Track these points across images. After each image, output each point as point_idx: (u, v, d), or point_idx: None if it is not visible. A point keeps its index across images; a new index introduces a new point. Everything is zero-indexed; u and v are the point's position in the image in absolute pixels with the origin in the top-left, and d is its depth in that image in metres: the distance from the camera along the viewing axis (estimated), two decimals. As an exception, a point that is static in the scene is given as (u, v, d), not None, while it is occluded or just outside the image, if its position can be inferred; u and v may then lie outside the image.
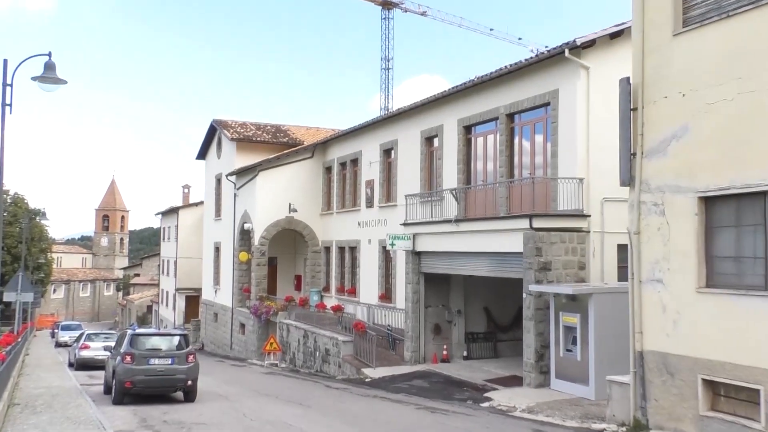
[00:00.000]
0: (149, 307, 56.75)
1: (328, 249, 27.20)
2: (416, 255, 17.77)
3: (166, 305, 46.36)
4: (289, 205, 26.89)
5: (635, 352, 9.72)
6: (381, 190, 22.86)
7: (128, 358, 12.88)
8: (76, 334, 31.89)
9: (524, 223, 13.69)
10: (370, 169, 23.60)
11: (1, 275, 34.64)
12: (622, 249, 13.87)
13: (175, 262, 43.08)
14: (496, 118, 16.89)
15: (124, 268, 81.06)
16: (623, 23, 14.19)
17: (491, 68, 17.37)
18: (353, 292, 24.40)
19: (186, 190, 51.07)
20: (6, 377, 12.77)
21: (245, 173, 28.46)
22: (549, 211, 14.41)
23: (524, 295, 13.65)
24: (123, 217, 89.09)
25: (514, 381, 14.48)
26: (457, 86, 18.03)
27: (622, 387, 10.14)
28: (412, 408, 11.90)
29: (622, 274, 13.80)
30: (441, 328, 17.89)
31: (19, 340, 23.19)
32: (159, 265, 52.91)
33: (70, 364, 23.87)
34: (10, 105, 10.98)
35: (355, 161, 25.20)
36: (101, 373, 17.46)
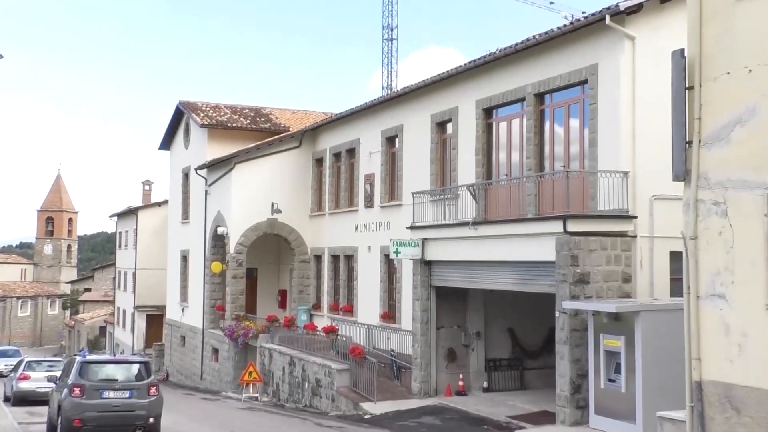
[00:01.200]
0: (102, 329, 56.88)
1: (319, 258, 27.22)
2: (426, 265, 17.79)
3: (123, 327, 46.46)
4: (272, 204, 26.94)
5: (692, 383, 9.69)
6: (383, 187, 22.90)
7: (77, 391, 12.88)
8: (14, 361, 31.88)
9: (557, 226, 13.69)
10: (370, 161, 23.63)
11: None
12: (675, 257, 13.87)
13: (134, 275, 43.19)
14: (523, 99, 16.91)
15: (72, 282, 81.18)
16: (676, -17, 14.21)
17: (516, 39, 17.41)
18: (350, 310, 24.42)
19: (147, 187, 51.21)
20: None
21: (218, 166, 28.52)
22: (587, 212, 14.41)
23: (557, 313, 13.65)
24: (71, 219, 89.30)
25: (545, 418, 14.46)
26: (474, 60, 18.06)
27: (675, 425, 10.11)
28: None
29: (676, 287, 13.79)
30: (456, 354, 17.90)
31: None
32: (114, 278, 53.05)
33: (6, 399, 23.93)
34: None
35: (351, 152, 25.22)
36: (44, 409, 17.42)
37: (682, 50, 9.85)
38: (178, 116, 34.08)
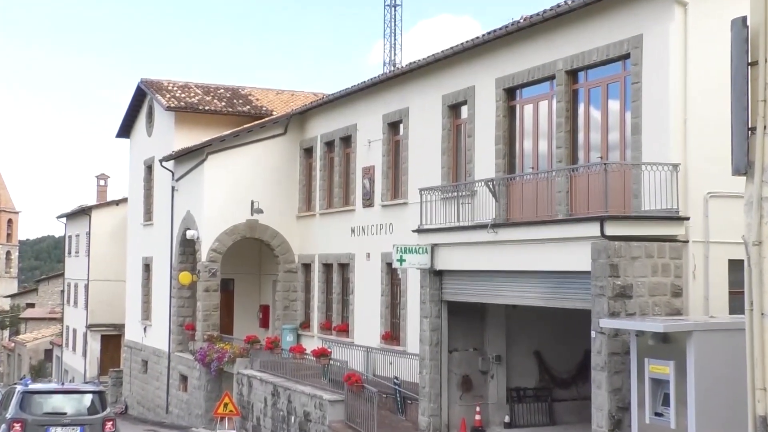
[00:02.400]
0: (48, 353, 56.92)
1: (307, 267, 27.22)
2: (436, 276, 17.79)
3: (74, 349, 46.51)
4: (252, 203, 26.98)
5: (755, 417, 9.66)
6: (385, 182, 22.91)
7: (17, 427, 12.88)
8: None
9: (593, 229, 13.68)
10: (369, 152, 23.65)
11: None
12: (735, 267, 13.83)
13: (86, 287, 43.24)
14: (552, 78, 16.91)
15: (12, 296, 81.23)
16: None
17: (544, 5, 17.49)
18: (345, 329, 24.43)
19: (102, 183, 51.32)
20: None
21: (188, 157, 28.56)
22: (629, 212, 14.40)
23: (593, 333, 13.64)
24: (11, 221, 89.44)
25: (579, 459, 14.45)
26: (494, 31, 18.06)
27: (736, 468, 10.07)
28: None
29: (736, 303, 13.76)
30: (472, 382, 17.90)
31: None
32: (63, 292, 53.12)
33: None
34: None
35: (347, 140, 25.23)
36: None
37: (744, 18, 9.80)
38: (140, 98, 34.14)
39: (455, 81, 19.89)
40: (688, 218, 14.05)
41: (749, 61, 9.70)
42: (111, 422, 13.41)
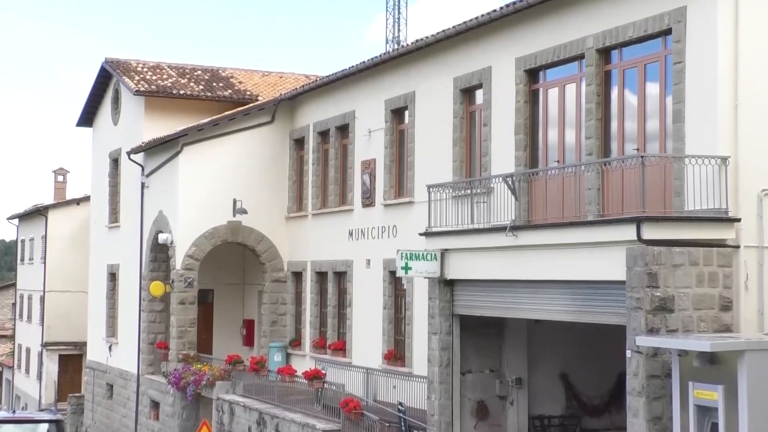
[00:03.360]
0: (-1, 374, 56.92)
1: (298, 276, 27.20)
2: (447, 286, 17.77)
3: (27, 372, 46.51)
4: (234, 202, 26.98)
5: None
6: (387, 178, 22.91)
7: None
8: None
9: (628, 232, 13.67)
10: (370, 143, 23.66)
11: None
12: (793, 276, 13.85)
13: (42, 299, 43.25)
14: (581, 57, 16.90)
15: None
16: None
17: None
18: (341, 348, 24.43)
19: (60, 178, 51.34)
20: None
21: (160, 149, 28.57)
22: (670, 212, 14.38)
23: (628, 353, 13.62)
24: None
25: (612, 498, 14.42)
26: (514, 3, 18.04)
27: None
28: None
29: (794, 317, 13.77)
30: (488, 409, 17.88)
31: None
32: (14, 304, 53.12)
33: None
34: None
35: (343, 129, 25.23)
36: None
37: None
38: (104, 80, 34.14)
39: (469, 61, 19.86)
40: (739, 220, 14.02)
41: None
42: (71, 455, 13.40)
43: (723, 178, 14.00)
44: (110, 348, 33.39)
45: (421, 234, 18.53)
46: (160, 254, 28.83)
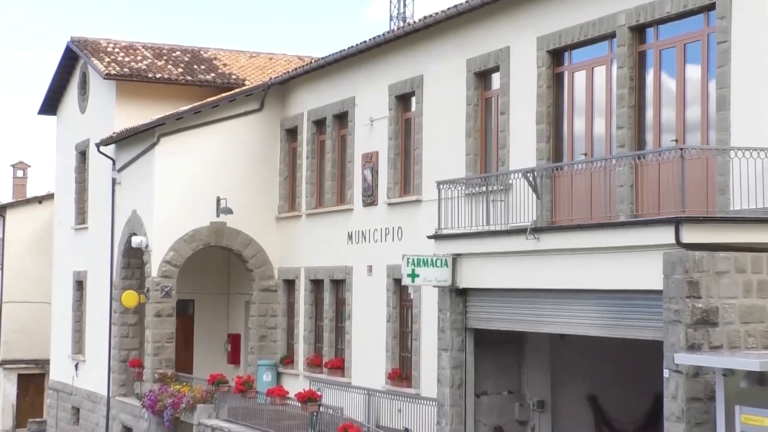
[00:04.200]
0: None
1: (291, 285, 27.20)
2: (459, 296, 17.76)
3: (-16, 392, 46.43)
4: (218, 201, 26.97)
5: None
6: (392, 173, 22.90)
7: None
8: None
9: (665, 235, 13.66)
10: (372, 134, 23.65)
11: None
12: None
13: None
14: (612, 36, 16.88)
15: None
16: None
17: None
18: (339, 366, 24.43)
19: (20, 173, 51.22)
20: None
21: (134, 141, 28.58)
22: (713, 213, 14.36)
23: (666, 372, 13.60)
24: None
25: None
26: (535, -26, 18.05)
27: None
28: None
29: None
30: (506, 436, 17.91)
31: None
32: (-30, 316, 53.01)
33: None
34: None
35: (342, 118, 25.23)
36: None
37: None
38: (70, 62, 34.14)
39: (484, 41, 19.85)
40: (790, 220, 14.00)
41: None
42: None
43: (773, 174, 14.00)
44: (76, 366, 33.38)
45: (429, 237, 18.51)
46: (133, 260, 28.83)
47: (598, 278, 14.91)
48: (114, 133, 29.27)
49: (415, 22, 22.52)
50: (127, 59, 30.99)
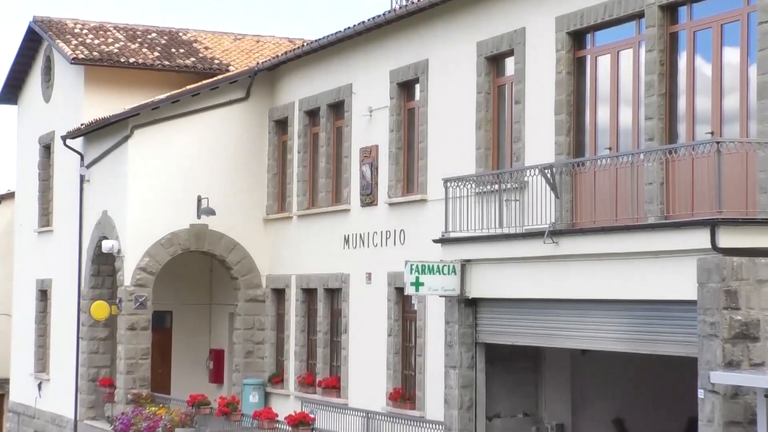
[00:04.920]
0: None
1: (280, 294, 27.19)
2: (468, 307, 17.77)
3: (-63, 414, 46.34)
4: (199, 200, 26.95)
5: None
6: (394, 170, 22.88)
7: None
8: None
9: (699, 239, 13.66)
10: (371, 125, 23.64)
11: None
12: None
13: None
14: (640, 15, 16.85)
15: None
16: None
17: None
18: (335, 386, 24.43)
19: (-22, 170, 51.16)
20: None
21: (104, 133, 28.57)
22: (753, 214, 14.30)
23: (700, 393, 13.59)
24: None
25: None
26: (554, -53, 18.04)
27: None
28: None
29: None
30: (522, 464, 17.90)
31: None
32: None
33: None
34: None
35: (337, 108, 25.22)
36: None
37: None
38: (33, 45, 34.10)
39: (497, 21, 19.83)
40: (840, 223, 13.99)
41: None
42: None
43: (820, 170, 13.99)
44: (40, 386, 33.34)
45: (435, 241, 18.50)
46: (104, 266, 28.82)
47: (625, 287, 14.91)
48: (82, 124, 29.26)
49: (419, 1, 22.48)
50: (96, 42, 30.95)
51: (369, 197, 23.55)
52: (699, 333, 13.58)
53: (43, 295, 33.55)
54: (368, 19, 23.39)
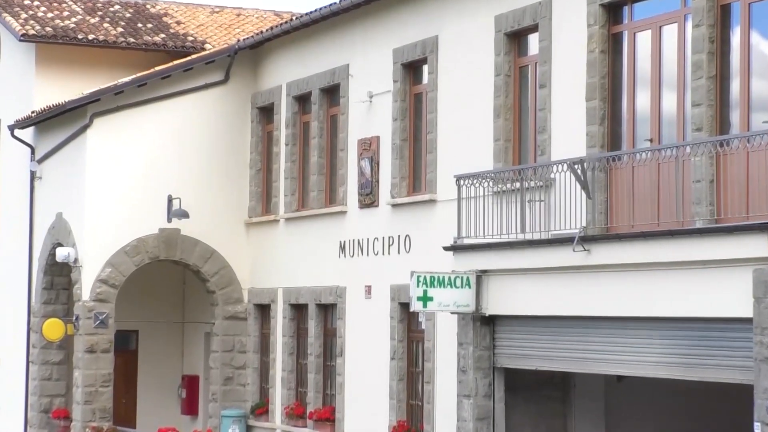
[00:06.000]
0: None
1: (264, 310, 27.25)
2: (485, 325, 17.80)
3: None
4: (170, 201, 26.96)
5: None
6: (398, 165, 22.89)
7: None
8: None
9: (755, 246, 13.68)
10: (370, 113, 23.67)
11: None
12: None
13: None
14: (685, -16, 16.87)
15: None
16: None
17: None
18: (328, 418, 24.45)
19: None
20: None
21: (59, 123, 28.62)
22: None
23: (756, 427, 13.57)
24: None
25: None
26: None
27: None
28: None
29: None
30: None
31: None
32: None
33: None
34: None
35: (332, 93, 25.27)
36: None
37: None
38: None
39: (518, -9, 19.91)
40: None
41: None
42: None
43: None
44: (-15, 417, 33.40)
45: (446, 248, 18.51)
46: (58, 278, 28.84)
47: (668, 303, 14.92)
48: (33, 112, 29.29)
49: (427, -33, 22.53)
50: (50, 16, 30.94)
51: (368, 197, 23.56)
52: (755, 356, 13.58)
53: (-12, 311, 33.58)
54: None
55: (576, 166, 16.66)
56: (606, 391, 18.30)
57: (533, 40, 19.75)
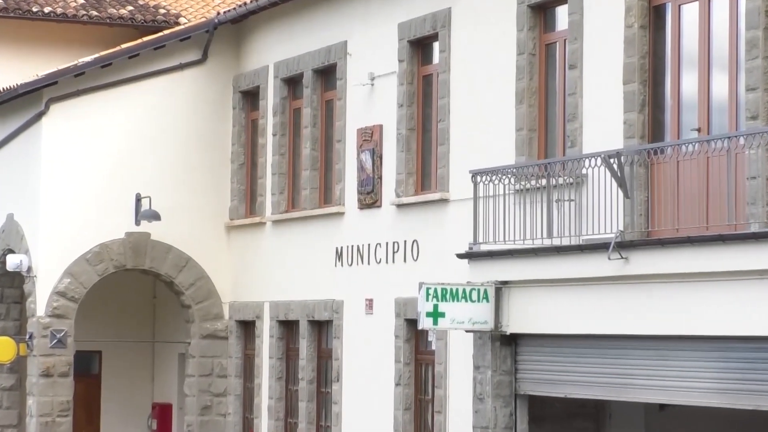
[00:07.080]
0: None
1: (249, 327, 27.32)
2: (506, 345, 17.89)
3: None
4: (138, 200, 27.00)
5: None
6: (404, 158, 22.94)
7: None
8: None
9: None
10: (372, 98, 23.71)
11: None
12: None
13: None
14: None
15: None
16: None
17: None
18: (322, 453, 24.49)
19: None
20: None
21: (10, 109, 28.77)
22: None
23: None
24: None
25: None
26: None
27: None
28: None
29: None
30: None
31: None
32: None
33: None
34: None
35: (327, 74, 25.38)
36: None
37: None
38: None
39: (544, -44, 19.94)
40: None
41: None
42: None
43: None
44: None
45: (460, 256, 18.56)
46: (9, 290, 28.93)
47: (719, 319, 14.93)
48: (-21, 97, 29.37)
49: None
50: (-1, -15, 31.08)
51: (369, 196, 23.61)
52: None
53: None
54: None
55: (611, 160, 16.68)
56: (647, 422, 18.36)
57: (562, 13, 19.78)
